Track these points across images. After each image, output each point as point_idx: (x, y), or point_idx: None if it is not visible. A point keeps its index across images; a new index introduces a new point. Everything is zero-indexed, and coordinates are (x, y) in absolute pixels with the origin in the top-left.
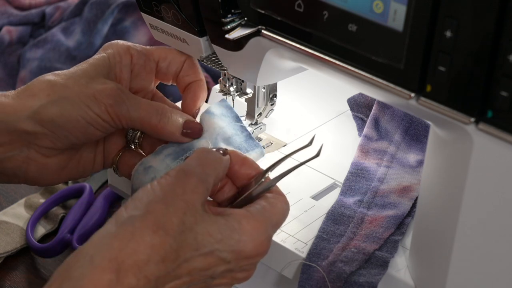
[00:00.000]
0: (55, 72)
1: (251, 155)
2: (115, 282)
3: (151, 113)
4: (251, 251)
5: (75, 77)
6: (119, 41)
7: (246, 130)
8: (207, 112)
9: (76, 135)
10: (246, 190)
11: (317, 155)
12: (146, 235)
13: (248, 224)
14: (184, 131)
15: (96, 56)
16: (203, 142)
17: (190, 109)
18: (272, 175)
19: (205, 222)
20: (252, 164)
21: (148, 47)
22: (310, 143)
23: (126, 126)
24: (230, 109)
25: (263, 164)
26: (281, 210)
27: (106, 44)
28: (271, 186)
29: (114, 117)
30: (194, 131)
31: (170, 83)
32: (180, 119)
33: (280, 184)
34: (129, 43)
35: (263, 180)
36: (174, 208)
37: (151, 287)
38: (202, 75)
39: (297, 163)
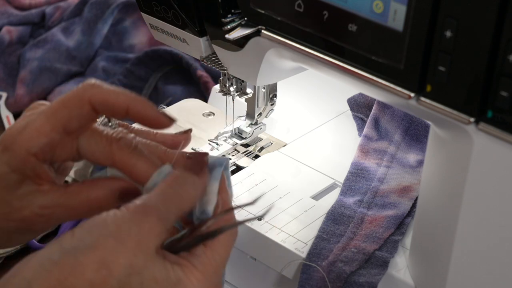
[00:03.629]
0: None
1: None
2: None
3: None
4: None
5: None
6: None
7: None
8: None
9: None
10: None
11: (252, 203)
12: (87, 271)
13: (195, 278)
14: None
15: None
16: None
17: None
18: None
19: (154, 267)
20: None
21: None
22: (254, 202)
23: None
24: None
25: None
26: (224, 251)
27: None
28: (216, 234)
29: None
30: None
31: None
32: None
33: (280, 184)
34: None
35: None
36: (125, 248)
37: None
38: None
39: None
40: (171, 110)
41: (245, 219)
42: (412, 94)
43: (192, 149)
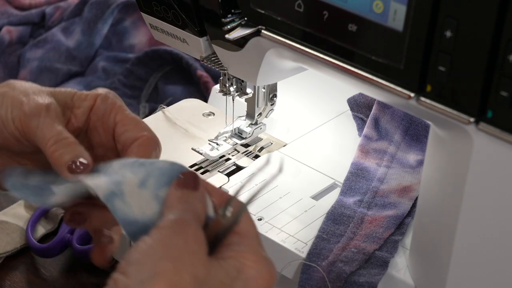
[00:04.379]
0: (37, 85)
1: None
2: None
3: (52, 136)
4: (263, 284)
5: (30, 88)
6: (103, 89)
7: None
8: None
9: None
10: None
11: (280, 171)
12: None
13: (248, 260)
14: (70, 163)
15: (69, 89)
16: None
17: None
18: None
19: (215, 270)
20: (214, 189)
21: (121, 107)
22: (268, 162)
23: (34, 144)
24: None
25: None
26: (253, 228)
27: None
28: (239, 217)
29: (25, 128)
30: (80, 169)
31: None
32: (74, 152)
33: (280, 184)
34: (107, 95)
35: (228, 213)
36: (183, 263)
37: None
38: (151, 153)
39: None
40: (171, 110)
41: (252, 197)
42: (412, 94)
43: (192, 149)
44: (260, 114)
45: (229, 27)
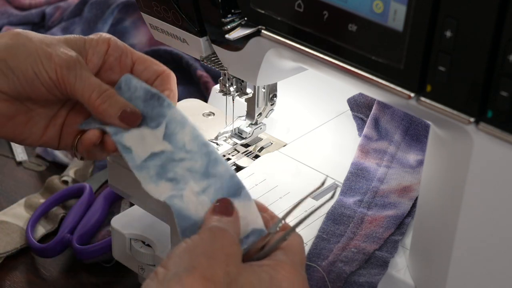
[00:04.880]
0: (32, 31)
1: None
2: None
3: (94, 88)
4: None
5: (44, 38)
6: (106, 33)
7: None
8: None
9: (22, 83)
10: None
11: (332, 197)
12: None
13: (284, 270)
14: (122, 115)
15: (75, 35)
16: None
17: None
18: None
19: (246, 272)
20: (262, 207)
21: (131, 48)
22: (322, 184)
23: (70, 95)
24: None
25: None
26: (299, 247)
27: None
28: (287, 235)
29: (60, 79)
30: (132, 118)
31: None
32: (119, 103)
33: (280, 184)
34: (115, 37)
35: (278, 229)
36: (217, 261)
37: None
38: (175, 86)
39: (309, 203)
40: None
41: (302, 220)
42: (412, 94)
43: None
44: (260, 114)
45: (229, 27)
